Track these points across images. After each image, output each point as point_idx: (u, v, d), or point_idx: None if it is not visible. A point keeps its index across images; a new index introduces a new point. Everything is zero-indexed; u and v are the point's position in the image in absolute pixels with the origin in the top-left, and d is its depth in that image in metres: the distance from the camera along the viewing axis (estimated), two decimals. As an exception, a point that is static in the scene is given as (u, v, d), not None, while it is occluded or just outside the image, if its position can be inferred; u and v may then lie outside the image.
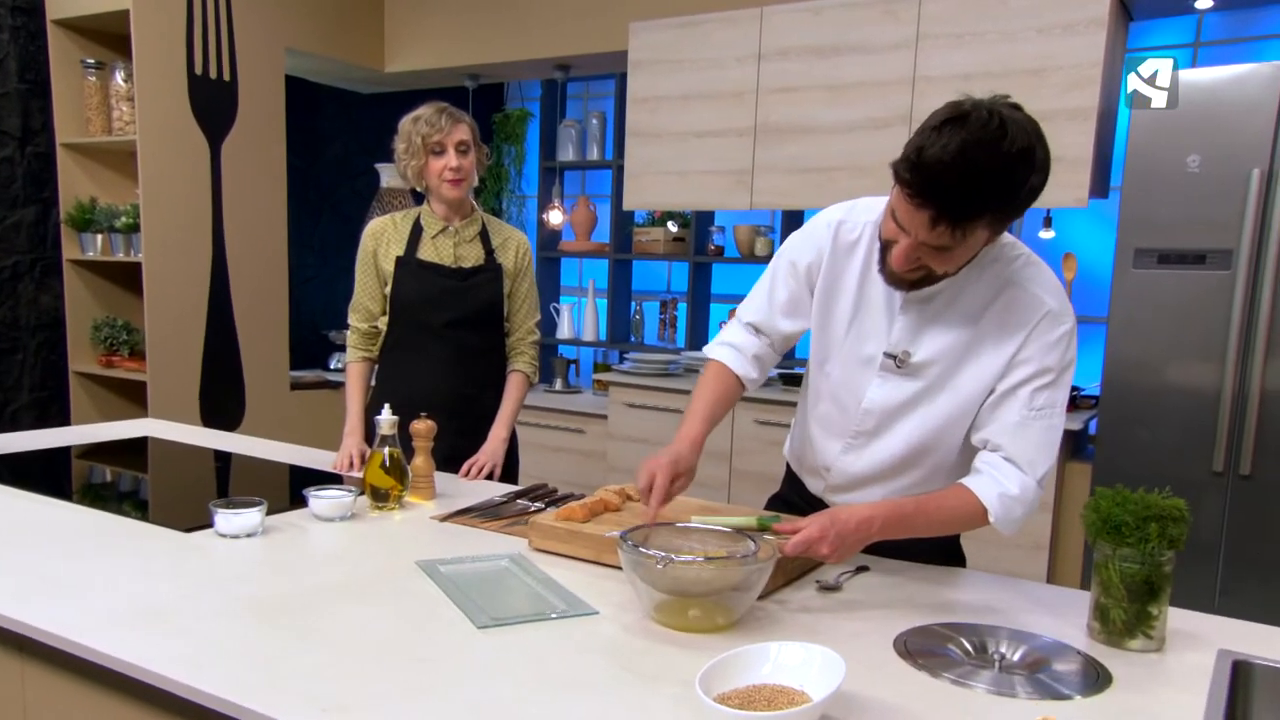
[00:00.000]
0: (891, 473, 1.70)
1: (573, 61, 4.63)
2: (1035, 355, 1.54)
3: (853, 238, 1.66)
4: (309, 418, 4.56)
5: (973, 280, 1.56)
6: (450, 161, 2.34)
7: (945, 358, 1.60)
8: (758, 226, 4.66)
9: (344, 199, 5.30)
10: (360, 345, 2.49)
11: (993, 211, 1.38)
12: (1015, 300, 1.55)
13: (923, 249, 1.43)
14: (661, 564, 1.32)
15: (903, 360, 1.62)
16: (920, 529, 1.57)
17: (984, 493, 1.53)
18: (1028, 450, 1.54)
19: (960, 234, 1.38)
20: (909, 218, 1.40)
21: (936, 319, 1.59)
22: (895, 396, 1.65)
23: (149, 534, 1.76)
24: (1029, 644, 1.33)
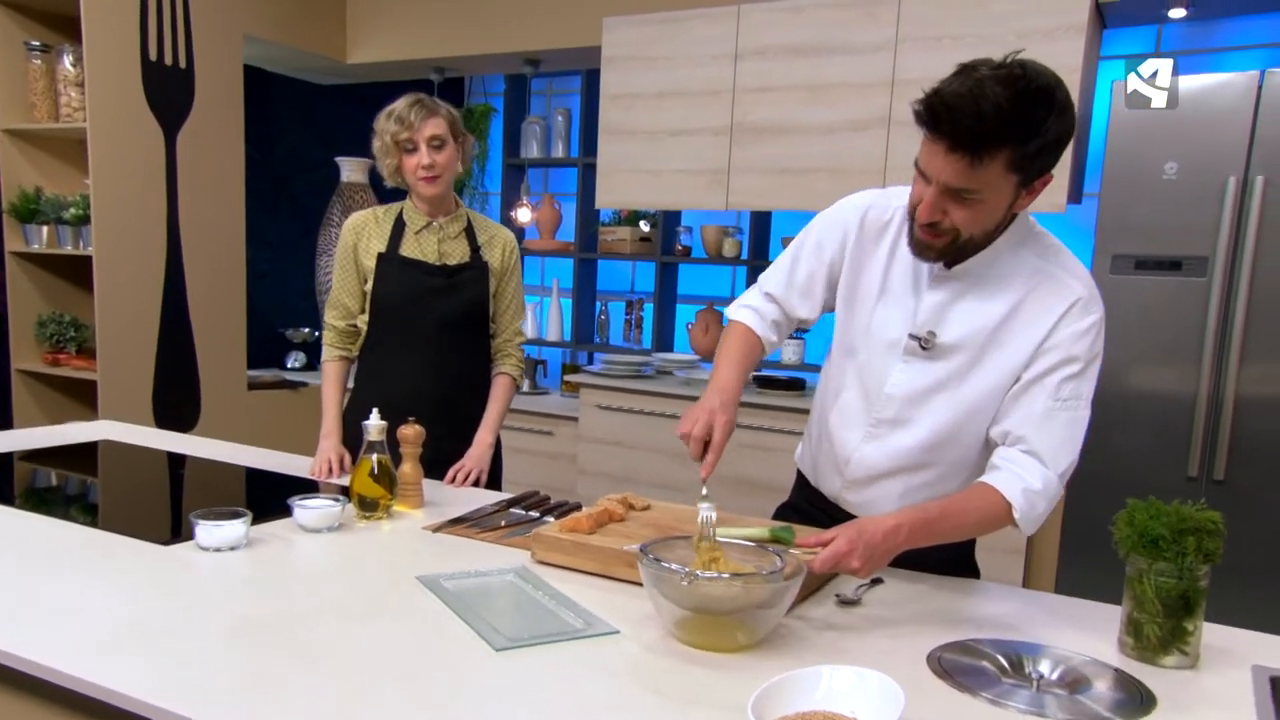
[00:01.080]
0: (910, 466, 1.65)
1: (542, 56, 4.54)
2: (1063, 343, 1.51)
3: (883, 220, 1.63)
4: (267, 419, 4.41)
5: (1003, 262, 1.54)
6: (422, 159, 2.24)
7: (972, 341, 1.56)
8: (726, 227, 4.62)
9: (301, 193, 5.15)
10: (337, 344, 2.39)
11: (1011, 144, 1.34)
12: (1046, 285, 1.52)
13: (946, 197, 1.41)
14: (686, 580, 1.26)
15: (928, 341, 1.58)
16: (946, 533, 1.51)
17: (1007, 488, 1.48)
18: (1051, 443, 1.50)
19: (979, 168, 1.35)
20: (928, 159, 1.40)
21: (965, 300, 1.56)
22: (919, 381, 1.60)
23: (124, 548, 1.65)
24: (1065, 662, 1.29)
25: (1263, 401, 2.97)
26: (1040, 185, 1.45)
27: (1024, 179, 1.41)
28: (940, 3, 3.40)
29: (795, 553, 1.42)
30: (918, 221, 1.47)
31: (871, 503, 1.70)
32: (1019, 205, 1.47)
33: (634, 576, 1.55)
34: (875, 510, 1.65)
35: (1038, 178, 1.43)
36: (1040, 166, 1.41)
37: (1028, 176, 1.41)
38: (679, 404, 3.82)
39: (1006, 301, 1.54)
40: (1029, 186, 1.44)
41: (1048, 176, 1.44)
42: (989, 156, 1.34)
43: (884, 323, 1.63)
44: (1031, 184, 1.43)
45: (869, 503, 1.70)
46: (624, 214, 4.88)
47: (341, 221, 4.68)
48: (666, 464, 3.86)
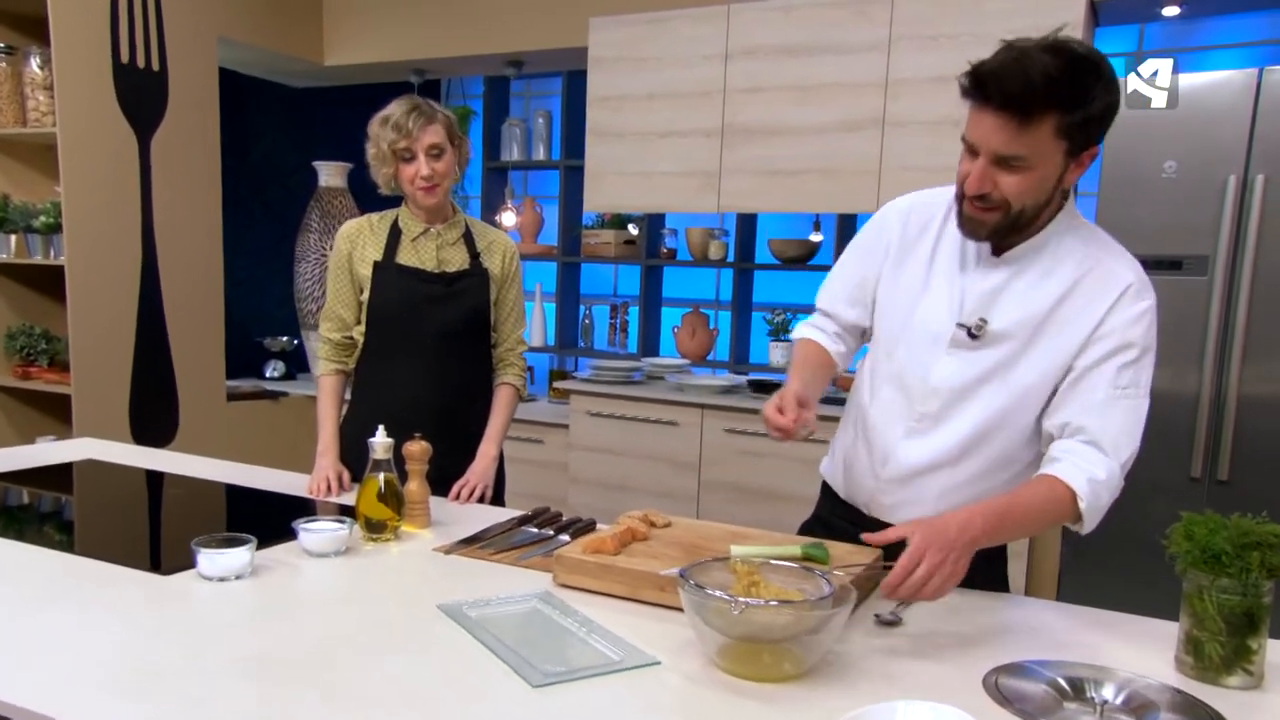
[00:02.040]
0: (950, 461, 1.61)
1: (526, 57, 4.46)
2: (1118, 329, 1.48)
3: (925, 218, 1.64)
4: (247, 430, 4.29)
5: (1052, 246, 1.53)
6: (421, 169, 2.15)
7: (1022, 328, 1.53)
8: (711, 229, 4.56)
9: (276, 198, 5.03)
10: (333, 357, 2.30)
11: (1059, 109, 1.34)
12: (1096, 271, 1.51)
13: (995, 167, 1.41)
14: (737, 609, 1.19)
15: (979, 329, 1.55)
16: (1017, 524, 1.46)
17: (1072, 478, 1.43)
18: (1111, 431, 1.46)
19: (1028, 132, 1.35)
20: (975, 128, 1.40)
21: (1015, 285, 1.54)
22: (967, 373, 1.57)
23: (119, 577, 1.56)
24: (1128, 685, 1.23)
25: (1266, 401, 2.95)
26: (1088, 159, 1.44)
27: (1072, 147, 1.40)
28: (934, 1, 3.36)
29: (839, 574, 1.36)
30: (967, 194, 1.46)
31: (906, 503, 1.66)
32: (1068, 179, 1.46)
33: (664, 600, 1.49)
34: (910, 512, 1.61)
35: (1085, 149, 1.42)
36: (1088, 136, 1.40)
37: (1075, 145, 1.40)
38: (672, 410, 3.75)
39: (1058, 286, 1.51)
40: (1077, 158, 1.43)
41: (1094, 149, 1.43)
42: (1037, 120, 1.34)
43: (927, 316, 1.60)
44: (1079, 155, 1.42)
45: (903, 503, 1.66)
46: (607, 217, 4.80)
47: (320, 227, 4.58)
48: (661, 471, 3.79)
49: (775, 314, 4.48)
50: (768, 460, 3.58)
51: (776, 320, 4.47)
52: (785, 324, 4.45)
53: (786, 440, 1.54)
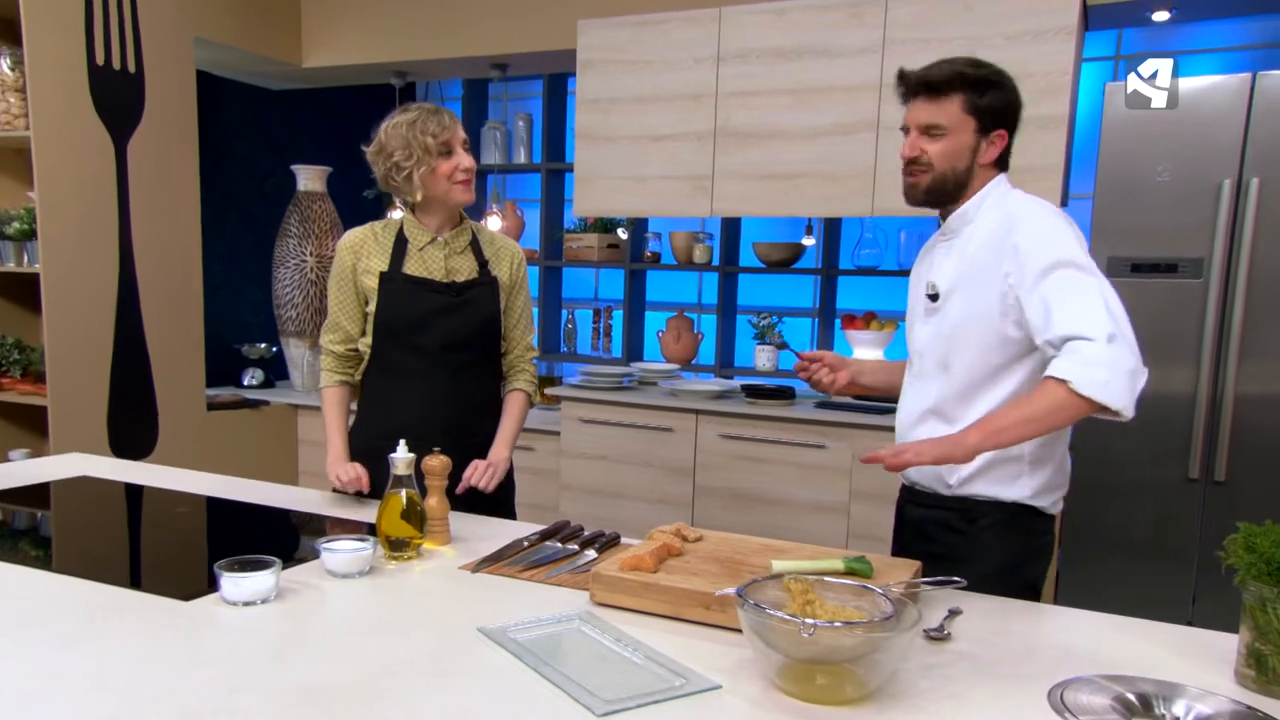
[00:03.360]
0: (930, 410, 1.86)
1: (510, 60, 4.40)
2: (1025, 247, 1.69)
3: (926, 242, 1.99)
4: (228, 440, 4.19)
5: (977, 215, 1.81)
6: (463, 162, 2.13)
7: (957, 283, 1.81)
8: (696, 233, 4.54)
9: (251, 202, 4.92)
10: (337, 369, 2.24)
11: (963, 91, 1.74)
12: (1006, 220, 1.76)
13: (922, 137, 1.78)
14: (808, 631, 1.16)
15: (932, 289, 1.86)
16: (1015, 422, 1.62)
17: (1053, 369, 1.61)
18: (1070, 318, 1.61)
19: (941, 106, 1.75)
20: (907, 115, 1.81)
21: (950, 250, 1.84)
22: (930, 335, 1.87)
23: (140, 606, 1.49)
24: (1199, 701, 1.21)
25: (1262, 401, 2.98)
26: (999, 139, 1.79)
27: (980, 126, 1.77)
28: (928, 5, 3.36)
29: (895, 589, 1.33)
30: (904, 160, 1.81)
31: None
32: (984, 155, 1.79)
33: (709, 619, 1.46)
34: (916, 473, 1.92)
35: (992, 129, 1.78)
36: (992, 119, 1.77)
37: (983, 124, 1.77)
38: (666, 415, 3.72)
39: (976, 244, 1.79)
40: (987, 136, 1.78)
41: (1003, 134, 1.80)
42: (947, 97, 1.75)
43: (913, 301, 1.96)
44: (989, 134, 1.78)
45: None
46: (590, 220, 4.76)
47: (300, 232, 4.49)
48: (654, 478, 3.75)
49: (760, 317, 4.47)
50: (764, 466, 3.56)
51: (762, 324, 4.46)
52: (770, 327, 4.44)
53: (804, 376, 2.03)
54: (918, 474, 1.90)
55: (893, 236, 4.19)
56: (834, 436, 3.45)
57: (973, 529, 1.82)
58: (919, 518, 1.92)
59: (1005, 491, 1.80)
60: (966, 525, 1.83)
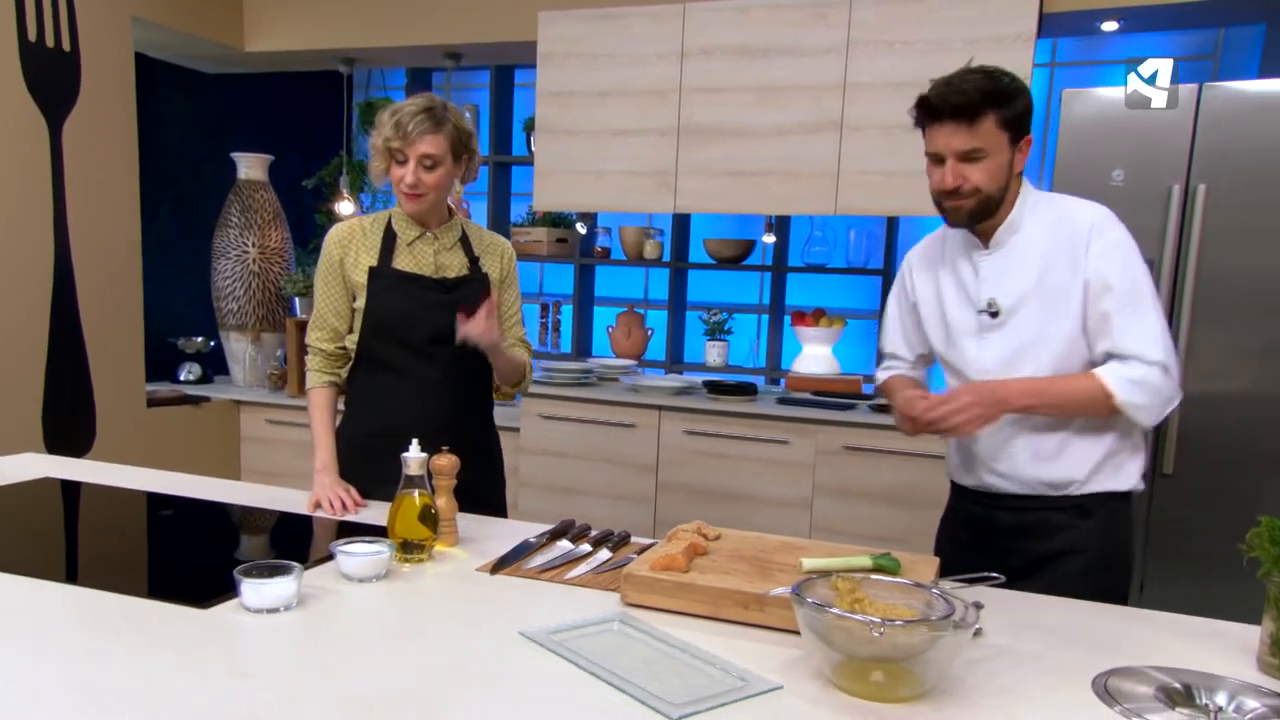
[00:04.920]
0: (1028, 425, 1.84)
1: (464, 50, 4.32)
2: (1098, 268, 1.73)
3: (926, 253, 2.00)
4: (169, 437, 4.02)
5: (1023, 223, 1.81)
6: (407, 176, 2.05)
7: (1026, 298, 1.79)
8: (647, 229, 4.54)
9: (187, 190, 4.73)
10: (325, 369, 2.17)
11: (994, 108, 1.70)
12: (1062, 228, 1.78)
13: (961, 164, 1.73)
14: (879, 631, 1.16)
15: (993, 306, 1.83)
16: (1052, 399, 1.74)
17: (1105, 374, 1.72)
18: (1134, 341, 1.72)
19: (978, 130, 1.70)
20: (936, 140, 1.75)
21: (1008, 265, 1.82)
22: (1001, 350, 1.83)
23: (159, 615, 1.42)
24: (1242, 693, 1.26)
25: (1208, 398, 3.12)
26: (1026, 145, 1.79)
27: (1012, 137, 1.75)
28: (891, 8, 3.42)
29: (946, 585, 1.35)
30: (945, 191, 1.77)
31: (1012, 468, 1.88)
32: (1017, 163, 1.79)
33: (747, 618, 1.46)
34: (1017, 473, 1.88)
35: (1022, 137, 1.77)
36: (1021, 126, 1.76)
37: (1015, 135, 1.75)
38: (627, 411, 3.71)
39: (1039, 252, 1.79)
40: (1018, 145, 1.77)
41: (1029, 137, 1.79)
42: (981, 119, 1.70)
43: (955, 318, 1.90)
44: (1019, 142, 1.77)
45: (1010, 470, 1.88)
46: (539, 214, 4.72)
47: (241, 222, 4.34)
48: (616, 474, 3.74)
49: (711, 313, 4.49)
50: (727, 462, 3.58)
51: (712, 320, 4.48)
52: (721, 324, 4.47)
53: None
54: (1016, 485, 1.88)
55: (842, 234, 4.26)
56: (796, 432, 3.49)
57: (1087, 523, 1.85)
58: (1016, 523, 1.89)
59: (1117, 482, 1.85)
60: (1080, 520, 1.85)
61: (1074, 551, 1.84)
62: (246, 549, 1.90)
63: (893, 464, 3.38)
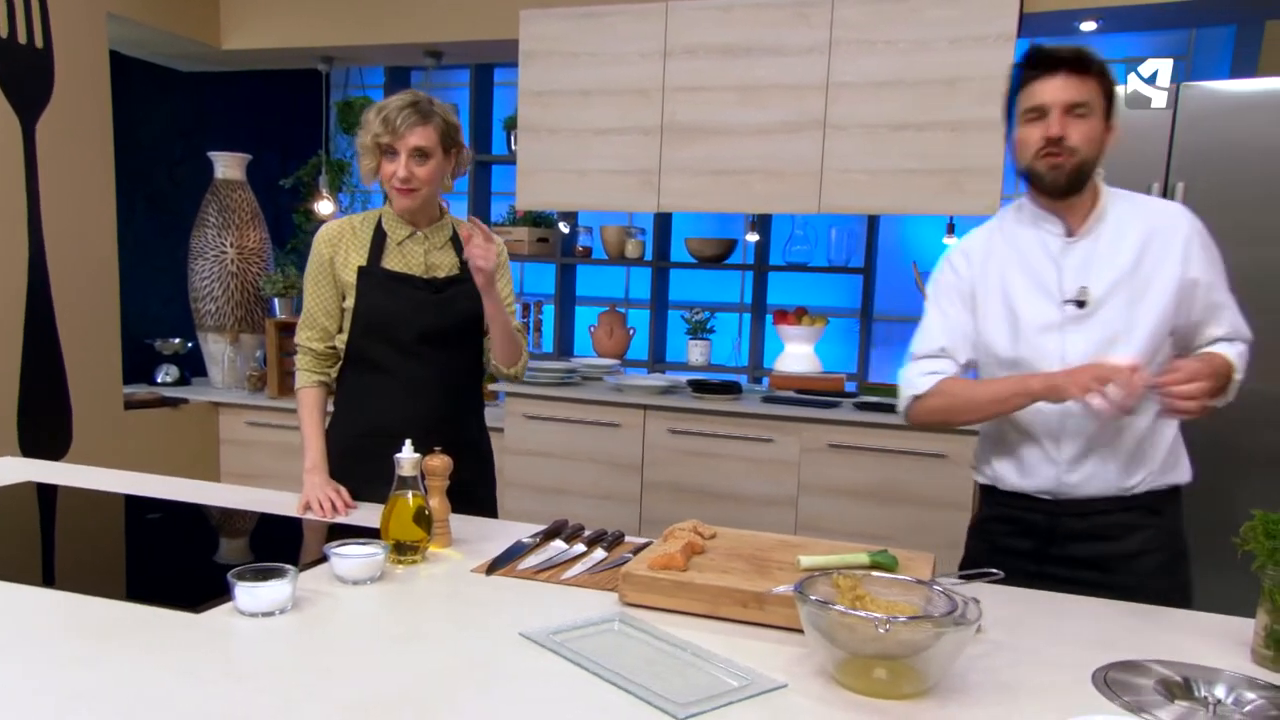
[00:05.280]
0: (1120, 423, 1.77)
1: (445, 49, 4.30)
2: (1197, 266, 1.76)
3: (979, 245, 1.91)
4: (147, 440, 3.97)
5: (1110, 214, 1.79)
6: (399, 170, 2.03)
7: (1118, 288, 1.75)
8: (628, 228, 4.54)
9: (162, 189, 4.67)
10: (315, 369, 2.15)
11: (1097, 76, 1.70)
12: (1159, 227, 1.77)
13: (1066, 116, 1.69)
14: (884, 627, 1.16)
15: (1083, 295, 1.76)
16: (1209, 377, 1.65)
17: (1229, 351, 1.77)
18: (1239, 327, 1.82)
19: (1087, 83, 1.69)
20: (1043, 91, 1.70)
21: (1097, 253, 1.77)
22: (1091, 341, 1.76)
23: (153, 620, 1.39)
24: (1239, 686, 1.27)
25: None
26: (1110, 132, 1.76)
27: (1106, 110, 1.74)
28: (873, 7, 3.43)
29: (947, 581, 1.35)
30: (1049, 141, 1.70)
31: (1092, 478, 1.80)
32: (1106, 140, 1.76)
33: (746, 616, 1.45)
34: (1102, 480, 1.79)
35: (1110, 119, 1.75)
36: (1111, 108, 1.74)
37: (1107, 113, 1.74)
38: (612, 411, 3.70)
39: (1132, 245, 1.76)
40: (1109, 123, 1.75)
41: (1115, 125, 1.77)
42: (1089, 76, 1.69)
43: (1032, 313, 1.80)
44: (1109, 121, 1.75)
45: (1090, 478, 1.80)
46: (520, 214, 4.70)
47: (219, 222, 4.29)
48: (601, 474, 3.73)
49: (693, 312, 4.49)
50: (712, 460, 3.58)
51: (695, 319, 4.48)
52: (703, 323, 4.47)
53: None
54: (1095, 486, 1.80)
55: (823, 233, 4.27)
56: (781, 430, 3.50)
57: (1157, 520, 1.82)
58: (1086, 527, 1.82)
59: (1178, 476, 1.85)
60: (1150, 518, 1.82)
61: (1147, 551, 1.81)
62: (236, 552, 1.87)
63: (877, 461, 3.39)
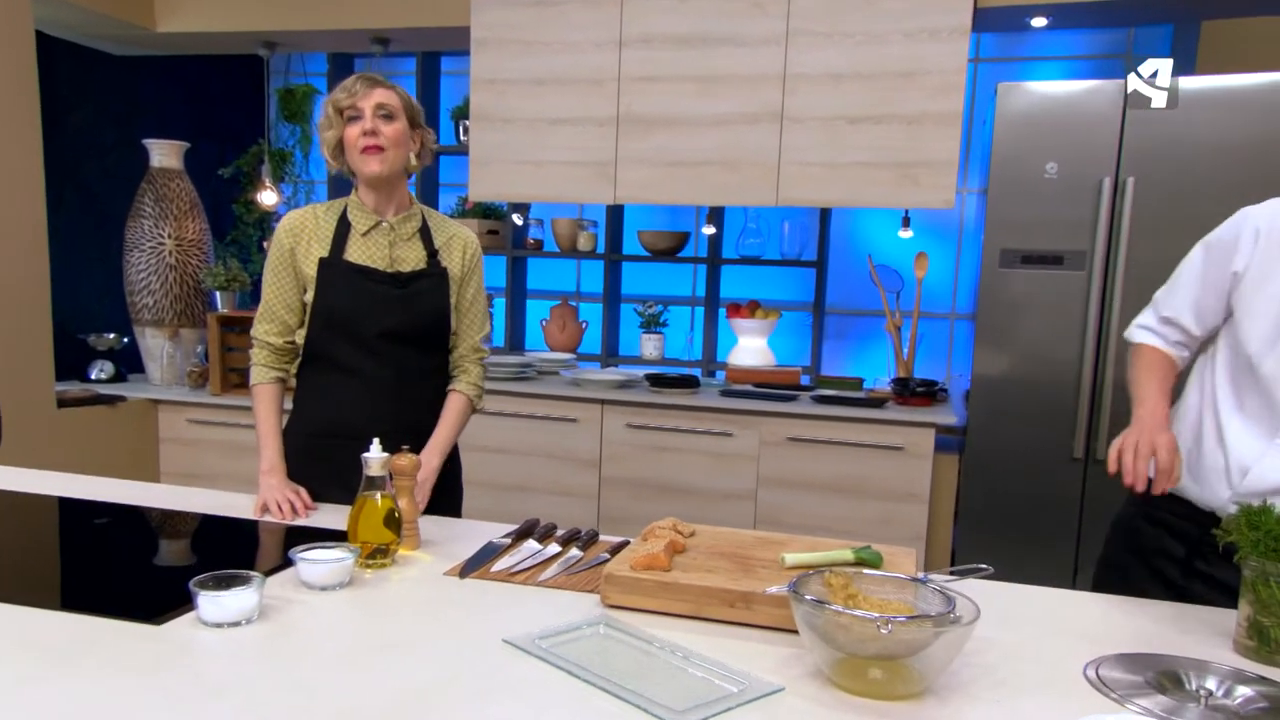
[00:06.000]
0: None
1: (394, 35, 4.19)
2: None
3: None
4: (81, 439, 3.81)
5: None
6: (365, 124, 1.96)
7: None
8: (580, 220, 4.48)
9: (92, 178, 4.48)
10: (271, 363, 2.06)
11: None
12: None
13: None
14: (885, 627, 1.14)
15: None
16: None
17: None
18: None
19: None
20: None
21: None
22: None
23: (108, 632, 1.31)
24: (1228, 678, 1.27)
25: (1138, 385, 3.20)
26: None
27: None
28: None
29: (939, 578, 1.34)
30: None
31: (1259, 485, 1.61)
32: None
33: (732, 616, 1.42)
34: None
35: None
36: None
37: None
38: (569, 406, 3.65)
39: None
40: None
41: None
42: None
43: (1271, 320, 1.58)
44: None
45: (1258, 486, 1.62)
46: (469, 205, 4.61)
47: (156, 213, 4.14)
48: (559, 470, 3.68)
49: (647, 306, 4.46)
50: (671, 455, 3.55)
51: (648, 313, 4.45)
52: (656, 316, 4.44)
53: None
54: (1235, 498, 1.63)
55: (775, 226, 4.27)
56: (740, 424, 3.48)
57: None
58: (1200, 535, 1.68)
59: None
60: None
61: None
62: (189, 558, 1.78)
63: (836, 454, 3.39)
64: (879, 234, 4.25)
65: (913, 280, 3.99)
